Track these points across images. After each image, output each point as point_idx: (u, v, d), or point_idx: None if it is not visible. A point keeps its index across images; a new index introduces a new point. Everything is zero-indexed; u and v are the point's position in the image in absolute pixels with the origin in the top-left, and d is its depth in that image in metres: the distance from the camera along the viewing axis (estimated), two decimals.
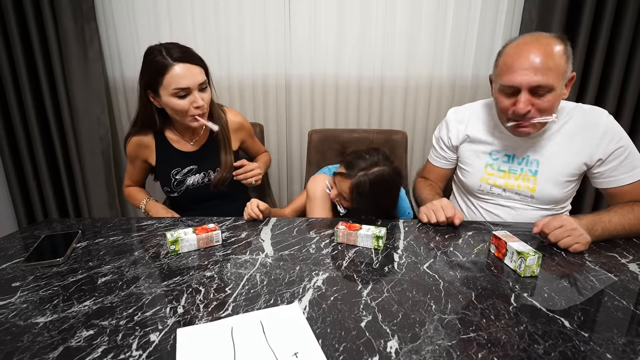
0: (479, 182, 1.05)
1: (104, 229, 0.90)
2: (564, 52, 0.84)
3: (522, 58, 0.83)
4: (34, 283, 0.64)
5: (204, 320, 0.53)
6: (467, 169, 1.07)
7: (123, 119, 1.82)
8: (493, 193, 1.04)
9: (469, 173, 1.07)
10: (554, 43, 0.83)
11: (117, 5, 1.65)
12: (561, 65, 0.83)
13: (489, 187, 1.03)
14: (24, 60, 1.58)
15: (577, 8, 1.46)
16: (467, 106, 1.11)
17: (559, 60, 0.83)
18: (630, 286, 0.62)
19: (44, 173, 1.74)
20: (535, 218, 0.99)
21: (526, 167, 0.99)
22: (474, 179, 1.06)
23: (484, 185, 1.04)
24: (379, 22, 1.64)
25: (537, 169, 0.98)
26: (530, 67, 0.82)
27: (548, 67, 0.81)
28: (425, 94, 1.73)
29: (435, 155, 1.17)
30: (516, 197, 1.01)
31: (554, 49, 0.82)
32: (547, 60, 0.81)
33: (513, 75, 0.84)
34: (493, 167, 1.03)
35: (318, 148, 1.44)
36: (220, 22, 1.66)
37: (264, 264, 0.71)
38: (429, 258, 0.73)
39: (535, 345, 0.47)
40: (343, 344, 0.48)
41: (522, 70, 0.83)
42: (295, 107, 1.78)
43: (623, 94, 1.54)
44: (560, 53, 0.83)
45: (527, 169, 0.99)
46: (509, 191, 1.01)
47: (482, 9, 1.61)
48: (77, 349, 0.47)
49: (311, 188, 1.07)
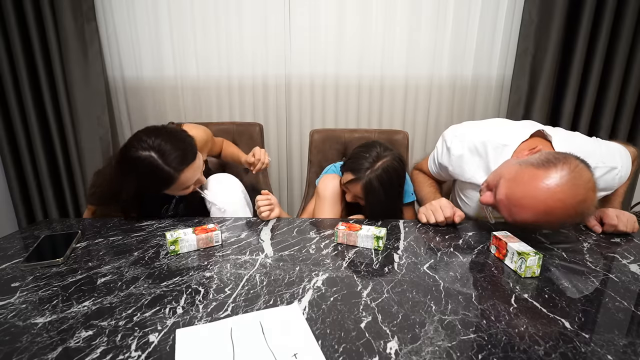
0: (478, 216, 1.04)
1: (104, 229, 0.90)
2: (583, 210, 0.69)
3: (516, 211, 0.71)
4: (34, 283, 0.64)
5: (203, 321, 0.53)
6: (468, 203, 1.05)
7: (123, 119, 1.82)
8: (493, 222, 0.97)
9: (469, 206, 1.04)
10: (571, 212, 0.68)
11: (117, 5, 1.65)
12: (576, 216, 0.69)
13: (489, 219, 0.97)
14: (24, 60, 1.58)
15: (577, 8, 1.46)
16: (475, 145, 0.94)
17: (571, 216, 0.69)
18: (631, 287, 0.62)
19: (44, 173, 1.74)
20: None
21: None
22: (474, 212, 1.04)
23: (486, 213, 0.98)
24: (378, 22, 1.64)
25: None
26: (518, 221, 0.72)
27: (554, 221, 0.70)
28: (425, 93, 1.73)
29: (434, 168, 1.11)
30: None
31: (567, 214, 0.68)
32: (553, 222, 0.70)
33: (501, 207, 0.75)
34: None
35: (319, 148, 1.44)
36: (220, 22, 1.66)
37: (264, 264, 0.71)
38: (429, 259, 0.73)
39: (536, 347, 0.47)
40: (343, 344, 0.48)
41: (509, 218, 0.73)
42: (295, 107, 1.78)
43: (623, 94, 1.54)
44: (576, 212, 0.68)
45: None
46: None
47: (482, 9, 1.61)
48: (76, 350, 0.47)
49: (321, 188, 1.08)
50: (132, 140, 0.86)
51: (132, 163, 0.84)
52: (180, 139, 0.88)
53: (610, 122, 1.56)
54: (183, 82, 1.75)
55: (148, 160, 0.83)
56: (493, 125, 0.97)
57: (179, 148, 0.86)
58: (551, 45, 1.48)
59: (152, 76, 1.75)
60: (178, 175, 0.86)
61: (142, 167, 0.83)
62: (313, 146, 1.45)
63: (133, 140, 0.86)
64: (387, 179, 0.99)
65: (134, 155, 0.83)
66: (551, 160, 0.70)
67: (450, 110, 1.76)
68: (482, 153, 0.92)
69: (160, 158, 0.83)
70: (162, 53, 1.71)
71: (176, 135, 0.88)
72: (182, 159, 0.86)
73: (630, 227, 0.85)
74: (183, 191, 0.93)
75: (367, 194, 1.00)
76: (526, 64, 1.54)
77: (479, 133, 0.94)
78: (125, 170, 0.86)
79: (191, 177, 0.89)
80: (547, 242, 0.82)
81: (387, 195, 1.01)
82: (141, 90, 1.77)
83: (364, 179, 0.98)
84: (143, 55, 1.72)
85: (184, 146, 0.88)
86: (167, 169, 0.84)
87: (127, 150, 0.84)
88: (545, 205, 0.67)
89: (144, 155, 0.83)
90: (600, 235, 0.86)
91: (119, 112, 1.81)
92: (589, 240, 0.83)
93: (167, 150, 0.84)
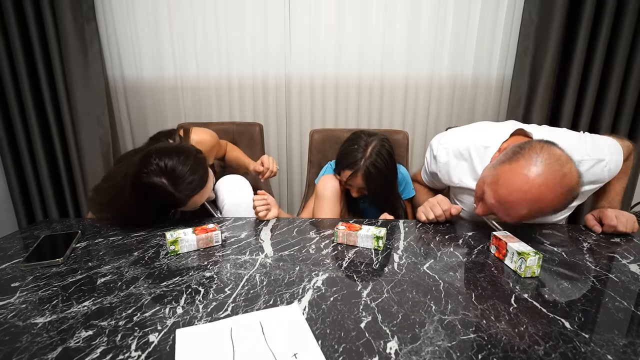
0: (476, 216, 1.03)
1: (104, 229, 0.90)
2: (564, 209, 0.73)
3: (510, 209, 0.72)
4: (34, 283, 0.64)
5: (203, 321, 0.53)
6: (463, 207, 1.05)
7: (123, 119, 1.83)
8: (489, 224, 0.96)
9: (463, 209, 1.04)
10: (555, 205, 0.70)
11: (117, 5, 1.65)
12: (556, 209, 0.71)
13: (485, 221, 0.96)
14: (24, 60, 1.58)
15: (577, 8, 1.46)
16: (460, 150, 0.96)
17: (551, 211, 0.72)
18: (631, 287, 0.62)
19: (44, 173, 1.74)
20: None
21: None
22: (470, 215, 1.05)
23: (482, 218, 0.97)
24: (378, 22, 1.64)
25: None
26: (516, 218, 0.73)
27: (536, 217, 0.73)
28: (425, 93, 1.73)
29: (427, 178, 1.14)
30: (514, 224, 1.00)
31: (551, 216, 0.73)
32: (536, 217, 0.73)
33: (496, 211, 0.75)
34: None
35: (319, 148, 1.44)
36: (220, 22, 1.66)
37: (264, 264, 0.71)
38: (429, 258, 0.73)
39: (536, 347, 0.47)
40: (343, 344, 0.48)
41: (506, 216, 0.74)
42: (295, 107, 1.78)
43: (623, 94, 1.54)
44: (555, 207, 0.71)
45: None
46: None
47: (482, 9, 1.61)
48: (76, 350, 0.47)
49: (320, 188, 1.08)
50: (142, 164, 0.82)
51: (142, 188, 0.82)
52: (194, 162, 0.85)
53: (610, 122, 1.56)
54: (183, 82, 1.76)
55: (159, 186, 0.81)
56: (475, 129, 0.99)
57: (192, 173, 0.83)
58: (551, 45, 1.48)
59: (152, 76, 1.75)
60: (188, 201, 0.86)
61: (153, 192, 0.82)
62: (313, 146, 1.45)
63: (143, 164, 0.82)
64: (381, 161, 1.05)
65: (144, 181, 0.81)
66: (517, 151, 0.73)
67: (450, 110, 1.76)
68: (467, 157, 0.95)
69: (172, 185, 0.81)
70: (162, 53, 1.71)
71: (189, 158, 0.85)
72: (195, 185, 0.84)
73: (630, 227, 0.85)
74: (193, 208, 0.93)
75: (369, 181, 1.04)
76: (526, 64, 1.54)
77: (462, 139, 0.96)
78: (137, 197, 0.84)
79: (202, 199, 0.90)
80: (547, 242, 0.82)
81: (386, 175, 1.07)
82: (141, 90, 1.77)
83: (362, 169, 1.03)
84: (143, 55, 1.72)
85: (197, 170, 0.85)
86: (178, 196, 0.83)
87: (138, 177, 0.81)
88: (532, 193, 0.68)
89: (155, 181, 0.80)
90: (600, 235, 0.86)
91: (119, 112, 1.81)
92: (589, 240, 0.83)
93: (179, 177, 0.81)
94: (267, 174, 1.15)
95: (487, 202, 0.76)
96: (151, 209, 0.88)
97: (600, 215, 0.88)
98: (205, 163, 0.89)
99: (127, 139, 1.86)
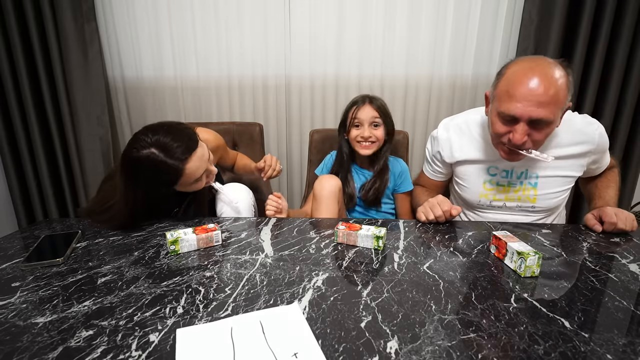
0: (478, 198, 1.04)
1: (104, 229, 0.90)
2: (566, 84, 0.81)
3: (525, 88, 0.79)
4: (34, 283, 0.64)
5: (203, 321, 0.53)
6: (465, 185, 1.06)
7: (123, 119, 1.82)
8: (493, 207, 1.03)
9: (467, 189, 1.06)
10: (558, 74, 0.80)
11: (117, 5, 1.65)
12: (562, 98, 0.80)
13: (489, 201, 1.03)
14: (24, 60, 1.58)
15: (577, 8, 1.46)
16: (459, 121, 1.06)
17: (562, 93, 0.80)
18: (631, 287, 0.62)
19: (44, 173, 1.74)
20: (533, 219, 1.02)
21: (525, 180, 0.99)
22: (473, 194, 1.05)
23: (484, 200, 1.04)
24: (378, 22, 1.64)
25: (536, 181, 0.98)
26: (533, 100, 0.79)
27: (551, 101, 0.79)
28: (425, 93, 1.73)
29: (430, 169, 1.16)
30: (516, 209, 1.02)
31: (558, 81, 0.79)
32: (551, 93, 0.78)
33: (514, 105, 0.81)
34: (492, 182, 1.02)
35: (319, 148, 1.44)
36: (220, 22, 1.66)
37: (264, 264, 0.71)
38: (429, 258, 0.73)
39: (536, 346, 0.47)
40: (343, 344, 0.48)
41: (525, 101, 0.80)
42: (295, 107, 1.78)
43: (623, 95, 1.54)
44: (564, 86, 0.80)
45: (526, 181, 0.99)
46: (510, 204, 1.01)
47: (482, 9, 1.61)
48: (76, 349, 0.47)
49: (317, 188, 1.08)
50: (130, 142, 0.83)
51: (134, 165, 0.81)
52: (178, 131, 0.85)
53: (610, 122, 1.56)
54: (183, 82, 1.76)
55: (150, 158, 0.80)
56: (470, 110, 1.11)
57: (178, 139, 0.83)
58: (551, 45, 1.48)
59: (152, 76, 1.75)
60: (183, 166, 0.83)
61: (145, 166, 0.81)
62: (313, 146, 1.45)
63: (131, 142, 0.83)
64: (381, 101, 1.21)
65: (134, 156, 0.81)
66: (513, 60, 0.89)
67: (450, 110, 1.75)
68: (466, 130, 1.04)
69: (161, 152, 0.81)
70: (162, 53, 1.71)
71: (173, 127, 0.85)
72: (184, 148, 0.83)
73: (630, 225, 0.86)
74: (196, 185, 0.90)
75: (379, 108, 1.18)
76: None
77: (459, 117, 1.08)
78: (129, 175, 0.83)
79: (198, 167, 0.86)
80: (547, 241, 0.82)
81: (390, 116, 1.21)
82: (141, 90, 1.77)
83: (368, 98, 1.18)
84: (143, 55, 1.72)
85: (183, 136, 0.84)
86: (170, 162, 0.81)
87: (128, 154, 0.82)
88: (539, 63, 0.81)
89: (144, 154, 0.80)
90: (599, 235, 0.86)
91: (119, 112, 1.81)
92: (589, 240, 0.83)
93: (167, 143, 0.81)
94: (269, 172, 1.11)
95: (513, 107, 0.81)
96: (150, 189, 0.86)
97: (600, 213, 0.89)
98: (191, 133, 0.88)
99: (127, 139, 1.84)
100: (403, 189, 1.24)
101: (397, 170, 1.24)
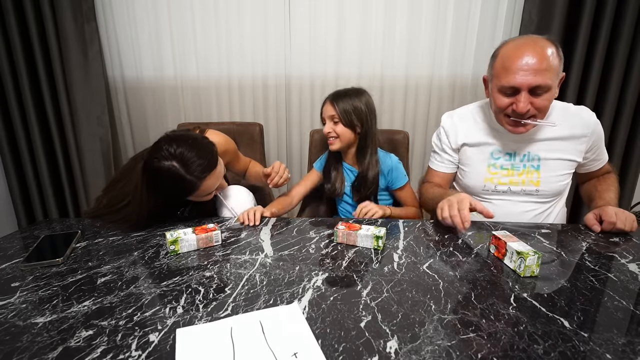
0: (483, 183, 1.06)
1: (104, 229, 0.90)
2: (557, 53, 0.88)
3: (520, 60, 0.87)
4: (34, 283, 0.64)
5: (203, 321, 0.53)
6: (470, 170, 1.08)
7: (123, 119, 1.83)
8: (498, 191, 1.05)
9: (471, 174, 1.08)
10: (547, 45, 0.87)
11: (117, 5, 1.65)
12: (556, 66, 0.87)
13: (494, 185, 1.05)
14: (24, 60, 1.58)
15: (577, 8, 1.46)
16: (461, 111, 1.12)
17: (554, 61, 0.87)
18: (630, 286, 0.62)
19: (44, 173, 1.74)
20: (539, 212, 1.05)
21: (528, 162, 1.02)
22: (478, 180, 1.06)
23: (489, 185, 1.06)
24: (379, 22, 1.64)
25: (539, 164, 1.01)
26: (530, 69, 0.86)
27: (545, 68, 0.85)
28: (425, 93, 1.73)
29: (438, 161, 1.16)
30: (521, 193, 1.04)
31: (548, 50, 0.86)
32: (544, 61, 0.85)
33: (513, 76, 0.88)
34: (495, 166, 1.05)
35: (319, 148, 1.44)
36: (220, 22, 1.66)
37: (264, 264, 0.71)
38: (428, 258, 0.73)
39: (535, 346, 0.47)
40: (342, 344, 0.48)
41: (522, 71, 0.86)
42: (295, 107, 1.78)
43: (623, 94, 1.54)
44: (554, 54, 0.87)
45: (529, 164, 1.02)
46: (514, 188, 1.03)
47: (482, 9, 1.61)
48: (76, 349, 0.47)
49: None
50: (153, 149, 0.85)
51: (154, 174, 0.83)
52: (202, 146, 0.87)
53: (610, 122, 1.56)
54: (183, 82, 1.76)
55: (171, 170, 0.82)
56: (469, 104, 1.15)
57: (201, 156, 0.85)
58: None
59: (152, 76, 1.75)
60: (200, 183, 0.86)
61: (164, 177, 0.83)
62: (313, 146, 1.45)
63: (154, 149, 0.84)
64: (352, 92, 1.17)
65: (155, 165, 0.82)
66: None
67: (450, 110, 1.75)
68: (469, 116, 1.09)
69: (182, 167, 0.82)
70: (162, 53, 1.71)
71: (198, 142, 0.87)
72: (204, 167, 0.85)
73: (629, 225, 0.86)
74: (206, 197, 0.94)
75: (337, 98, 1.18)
76: None
77: (460, 108, 1.14)
78: (150, 183, 0.85)
79: (213, 184, 0.90)
80: (547, 241, 0.82)
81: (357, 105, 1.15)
82: (141, 90, 1.77)
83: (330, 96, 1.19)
84: (143, 55, 1.72)
85: (207, 153, 0.87)
86: (189, 178, 0.84)
87: (149, 162, 0.84)
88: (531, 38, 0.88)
89: (165, 165, 0.82)
90: (599, 235, 0.86)
91: (119, 112, 1.81)
92: (588, 240, 0.83)
93: (190, 158, 0.83)
94: (275, 179, 1.09)
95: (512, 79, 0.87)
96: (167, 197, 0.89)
97: (601, 212, 0.89)
98: (214, 149, 0.90)
99: (127, 139, 1.86)
100: (397, 185, 1.23)
101: (386, 168, 1.21)
